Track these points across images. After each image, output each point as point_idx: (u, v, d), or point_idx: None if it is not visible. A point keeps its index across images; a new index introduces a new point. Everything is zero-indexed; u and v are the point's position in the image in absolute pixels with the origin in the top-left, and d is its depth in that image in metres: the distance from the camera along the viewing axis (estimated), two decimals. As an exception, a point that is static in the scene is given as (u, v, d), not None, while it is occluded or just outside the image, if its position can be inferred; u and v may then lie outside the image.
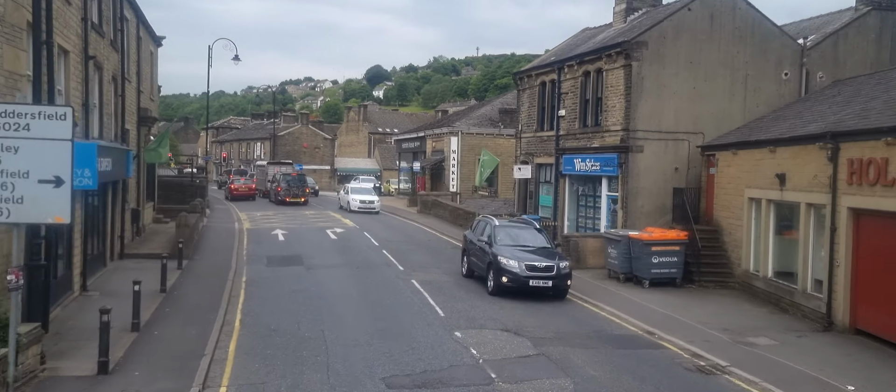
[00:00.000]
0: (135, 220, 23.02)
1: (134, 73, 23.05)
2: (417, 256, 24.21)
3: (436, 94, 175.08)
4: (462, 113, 51.01)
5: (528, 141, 30.06)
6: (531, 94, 29.78)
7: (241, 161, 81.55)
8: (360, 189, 41.73)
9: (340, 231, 30.56)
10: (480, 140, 42.94)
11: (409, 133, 52.19)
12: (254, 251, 24.13)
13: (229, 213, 37.58)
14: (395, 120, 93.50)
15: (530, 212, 29.49)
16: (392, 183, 60.88)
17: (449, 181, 42.55)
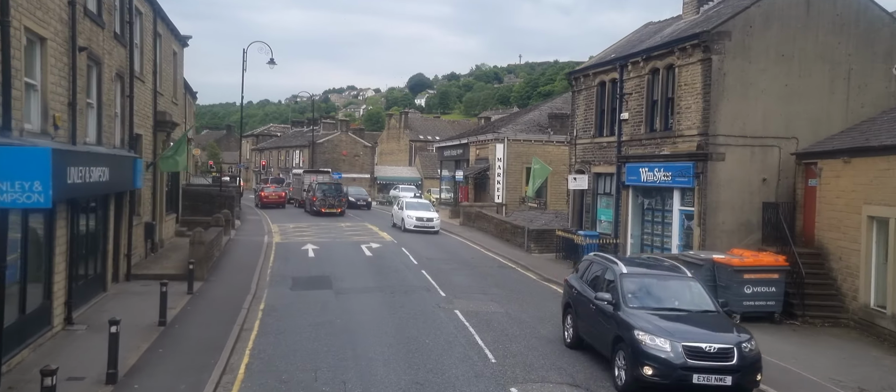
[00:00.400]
0: (149, 236, 20.81)
1: (149, 72, 20.90)
2: (461, 278, 21.38)
3: (478, 101, 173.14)
4: (508, 118, 48.07)
5: (584, 148, 27.00)
6: (588, 95, 26.73)
7: (280, 169, 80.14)
8: (417, 204, 36.44)
9: (376, 247, 27.94)
10: (528, 147, 39.93)
11: (450, 140, 49.51)
12: (279, 270, 21.67)
13: (260, 225, 35.41)
14: (436, 127, 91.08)
15: (586, 227, 26.41)
16: (433, 192, 58.24)
17: (494, 191, 39.65)
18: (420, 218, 33.81)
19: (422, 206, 36.22)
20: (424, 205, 36.61)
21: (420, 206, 35.85)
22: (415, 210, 34.77)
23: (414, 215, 33.97)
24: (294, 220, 38.94)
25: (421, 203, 36.93)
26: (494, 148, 39.73)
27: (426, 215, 34.15)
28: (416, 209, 35.04)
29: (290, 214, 43.51)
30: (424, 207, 35.79)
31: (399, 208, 36.16)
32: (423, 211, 34.90)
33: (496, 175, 39.60)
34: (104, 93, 15.53)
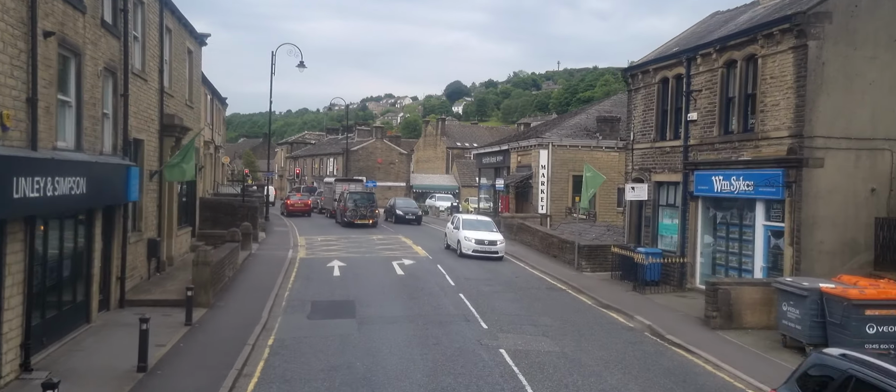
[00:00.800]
0: (153, 254, 18.49)
1: (154, 70, 18.62)
2: (505, 303, 18.50)
3: (516, 108, 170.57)
4: (552, 122, 45.04)
5: (642, 153, 23.89)
6: (647, 94, 23.64)
7: (314, 177, 78.34)
8: (475, 222, 29.46)
9: (409, 264, 25.22)
10: (575, 153, 36.86)
11: (490, 146, 46.67)
12: (298, 293, 19.12)
13: (286, 238, 33.07)
14: (474, 134, 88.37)
15: (646, 243, 23.27)
16: (471, 201, 55.43)
17: (537, 201, 36.65)
18: (480, 241, 27.29)
19: (481, 224, 29.28)
20: (484, 223, 29.52)
21: (480, 225, 29.03)
22: (473, 229, 28.31)
23: (472, 237, 27.48)
24: (323, 232, 36.55)
25: (480, 221, 29.95)
26: (537, 154, 36.76)
27: (488, 237, 27.63)
28: (476, 228, 28.51)
29: (320, 226, 41.17)
30: (485, 227, 28.97)
31: (454, 227, 29.46)
32: (484, 231, 28.25)
33: (539, 184, 36.61)
34: (86, 89, 13.17)
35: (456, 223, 29.66)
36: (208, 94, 40.22)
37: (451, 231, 29.92)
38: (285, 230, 36.81)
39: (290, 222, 42.59)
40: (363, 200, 40.11)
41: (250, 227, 26.60)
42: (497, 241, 27.69)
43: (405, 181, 73.37)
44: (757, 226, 17.97)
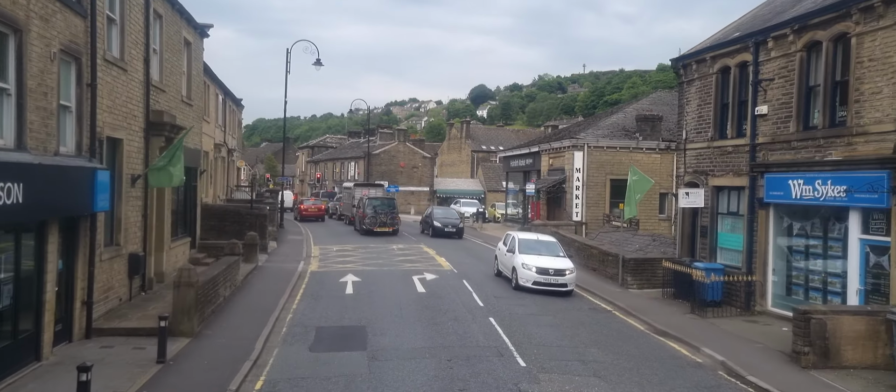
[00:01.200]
0: (135, 271, 16.00)
1: (137, 59, 16.16)
2: (543, 331, 15.67)
3: (541, 112, 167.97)
4: (586, 122, 42.02)
5: (697, 154, 20.90)
6: (703, 86, 20.65)
7: (335, 182, 76.12)
8: (536, 245, 21.95)
9: (432, 279, 22.48)
10: (613, 155, 33.88)
11: (518, 148, 43.79)
12: (303, 315, 16.49)
13: (299, 248, 30.55)
14: (500, 136, 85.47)
15: (702, 257, 20.26)
16: (497, 207, 52.59)
17: (571, 207, 33.71)
18: (544, 270, 20.06)
19: (544, 247, 21.84)
20: (548, 245, 22.06)
21: (541, 248, 21.67)
22: (534, 253, 21.09)
23: (533, 263, 20.34)
24: (340, 241, 34.00)
25: (542, 242, 22.33)
26: (571, 156, 33.83)
27: (554, 264, 20.41)
28: (536, 252, 21.27)
29: (337, 233, 38.65)
30: (548, 249, 21.67)
31: (508, 250, 22.26)
32: (548, 256, 21.02)
33: (574, 188, 33.67)
34: (31, 74, 10.68)
35: (510, 245, 22.32)
36: (220, 94, 38.00)
37: (504, 255, 22.77)
38: (299, 239, 34.31)
39: (306, 229, 40.16)
40: (383, 207, 37.52)
41: (256, 238, 24.10)
42: (566, 271, 20.25)
43: (429, 186, 70.77)
44: (850, 239, 14.91)
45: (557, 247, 22.37)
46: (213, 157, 35.46)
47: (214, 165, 36.50)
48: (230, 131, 43.65)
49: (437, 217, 37.30)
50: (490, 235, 38.32)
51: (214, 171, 36.57)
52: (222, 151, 38.51)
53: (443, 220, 36.90)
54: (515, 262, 21.12)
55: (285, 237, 34.75)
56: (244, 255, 23.85)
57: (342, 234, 37.69)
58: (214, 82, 35.88)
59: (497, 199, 65.63)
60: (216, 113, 36.67)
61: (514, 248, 21.86)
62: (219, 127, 37.53)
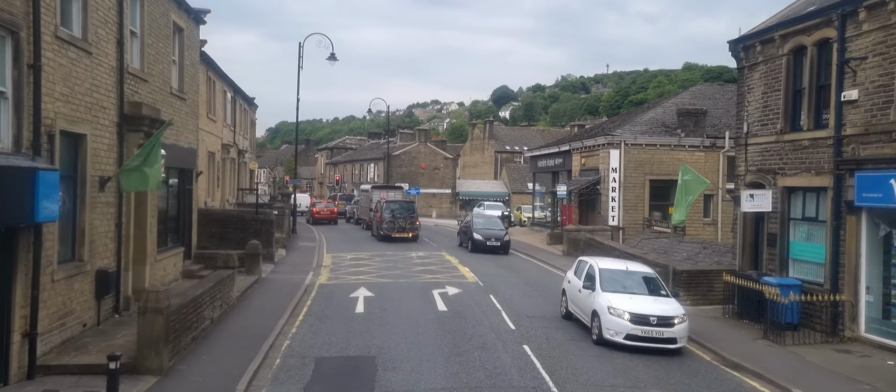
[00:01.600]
0: (105, 291, 13.55)
1: (108, 40, 13.73)
2: (590, 362, 12.92)
3: (564, 112, 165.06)
4: (621, 119, 39.01)
5: (762, 150, 17.97)
6: (770, 71, 17.72)
7: (355, 184, 73.81)
8: (628, 278, 15.60)
9: (455, 294, 19.80)
10: (653, 154, 30.93)
11: (547, 147, 40.91)
12: (303, 341, 13.94)
13: (310, 256, 28.06)
14: (524, 137, 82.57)
15: (770, 269, 17.33)
16: (523, 210, 49.77)
17: (607, 211, 30.82)
18: (641, 317, 13.93)
19: (638, 280, 15.53)
20: (645, 280, 15.63)
21: (632, 282, 15.39)
22: (624, 292, 14.80)
23: (625, 308, 14.12)
24: (355, 248, 31.47)
25: (631, 273, 15.81)
26: (607, 155, 30.93)
27: (657, 310, 14.19)
28: (628, 289, 15.03)
29: (353, 239, 36.14)
30: (645, 286, 15.39)
31: (585, 285, 15.55)
32: (646, 297, 14.85)
33: (610, 190, 30.77)
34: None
35: (587, 277, 15.58)
36: (228, 92, 35.77)
37: (576, 291, 15.95)
38: (311, 246, 31.84)
39: (320, 234, 37.73)
40: (402, 211, 34.93)
41: (259, 247, 21.62)
42: (674, 319, 14.01)
43: (451, 188, 68.20)
44: (978, 253, 11.94)
45: (657, 282, 15.54)
46: (219, 158, 33.20)
47: (222, 167, 34.25)
48: (241, 131, 41.45)
49: (478, 227, 30.53)
50: (517, 241, 35.51)
51: (222, 173, 34.32)
52: (231, 152, 36.26)
53: (485, 230, 30.22)
54: (597, 304, 14.50)
55: (296, 244, 32.32)
56: (245, 267, 21.45)
57: (358, 241, 35.17)
58: (222, 79, 33.65)
59: (522, 201, 62.81)
60: (224, 111, 34.44)
61: (593, 282, 15.10)
62: (227, 126, 35.29)
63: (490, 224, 31.42)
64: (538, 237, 37.16)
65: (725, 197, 30.73)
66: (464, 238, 31.94)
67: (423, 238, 35.90)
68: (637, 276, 15.72)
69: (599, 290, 14.88)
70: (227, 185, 35.55)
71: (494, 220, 32.63)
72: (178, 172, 19.66)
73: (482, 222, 31.56)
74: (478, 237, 29.87)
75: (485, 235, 29.88)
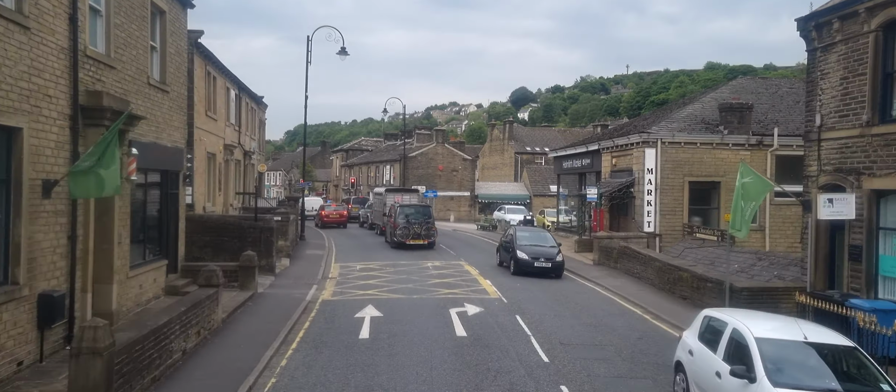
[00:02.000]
0: (51, 319, 11.15)
1: (57, 15, 11.36)
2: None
3: (584, 113, 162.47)
4: (655, 115, 36.11)
5: (841, 146, 15.15)
6: (851, 51, 14.90)
7: (370, 187, 71.46)
8: (809, 356, 8.82)
9: (475, 314, 17.18)
10: (693, 153, 28.09)
11: (573, 147, 38.12)
12: (292, 379, 11.44)
13: (316, 265, 25.59)
14: (545, 137, 79.80)
15: (852, 288, 14.50)
16: (546, 214, 47.00)
17: (641, 216, 28.04)
18: None
19: (828, 363, 8.79)
20: (836, 361, 8.91)
21: (822, 366, 8.71)
22: (800, 371, 8.56)
23: None
24: (366, 256, 28.97)
25: (821, 349, 8.95)
26: (641, 155, 28.13)
27: None
28: (810, 376, 8.47)
29: (365, 246, 33.65)
30: (829, 361, 8.84)
31: (732, 367, 8.70)
32: (839, 384, 8.32)
33: (645, 192, 27.96)
34: None
35: (735, 350, 9.16)
36: (232, 89, 33.51)
37: (709, 375, 9.50)
38: (319, 254, 29.37)
39: (330, 241, 35.29)
40: (417, 216, 32.38)
41: (254, 259, 19.16)
42: None
43: (469, 190, 65.58)
44: None
45: (859, 360, 8.94)
46: (221, 159, 30.92)
47: (224, 169, 31.98)
48: (248, 131, 39.20)
49: (522, 244, 24.31)
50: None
51: (225, 175, 32.03)
52: (235, 153, 33.97)
53: (531, 248, 24.05)
54: None
55: (303, 252, 29.89)
56: (239, 281, 19.02)
57: (370, 248, 32.65)
58: (225, 75, 31.39)
59: (544, 204, 60.03)
60: (226, 109, 32.16)
61: (750, 364, 8.57)
62: (230, 125, 33.02)
63: (538, 239, 25.17)
64: (565, 244, 34.30)
65: (773, 200, 27.81)
66: (505, 256, 25.65)
67: (440, 245, 33.32)
68: (827, 353, 8.95)
69: (766, 384, 8.19)
70: (231, 188, 33.26)
71: (542, 234, 26.25)
72: (161, 174, 17.28)
73: (528, 238, 25.18)
74: (523, 257, 23.69)
75: (532, 254, 23.74)
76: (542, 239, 25.27)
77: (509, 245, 25.00)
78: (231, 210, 32.75)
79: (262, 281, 21.06)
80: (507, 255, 25.10)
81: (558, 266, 23.75)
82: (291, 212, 33.17)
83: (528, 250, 23.97)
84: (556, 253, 24.10)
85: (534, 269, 23.44)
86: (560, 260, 23.95)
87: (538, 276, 23.15)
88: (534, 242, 24.70)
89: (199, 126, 26.34)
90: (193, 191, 25.16)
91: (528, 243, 24.50)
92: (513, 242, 24.68)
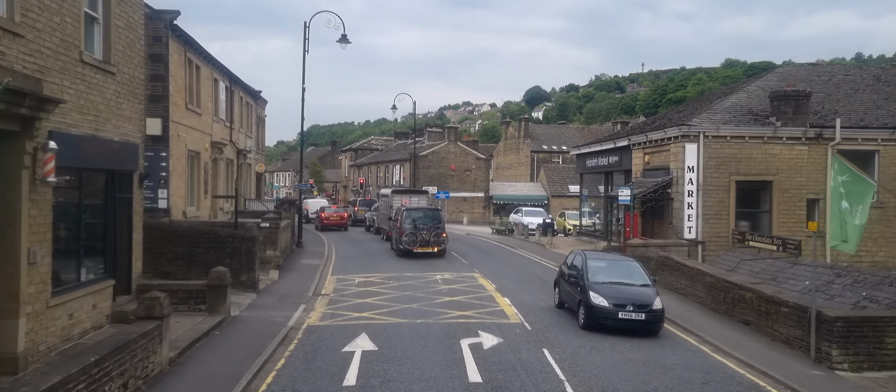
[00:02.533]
0: None
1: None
2: None
3: (599, 112, 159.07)
4: (693, 106, 32.44)
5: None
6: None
7: (379, 187, 68.25)
8: None
9: (492, 347, 13.81)
10: (740, 148, 24.58)
11: (599, 143, 34.60)
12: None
13: (308, 278, 22.34)
14: (562, 135, 76.26)
15: None
16: (568, 217, 43.49)
17: (681, 221, 24.56)
18: None
19: None
20: None
21: None
22: None
23: None
24: (368, 266, 25.69)
25: None
26: (680, 151, 24.61)
27: None
28: None
29: (368, 254, 30.37)
30: None
31: None
32: None
33: (685, 194, 24.45)
34: None
35: None
36: (222, 81, 30.40)
37: None
38: (315, 264, 26.11)
39: (330, 247, 32.08)
40: (425, 220, 29.06)
41: (226, 275, 15.89)
42: None
43: (483, 191, 62.20)
44: None
45: None
46: (207, 158, 27.79)
47: (212, 169, 28.85)
48: (243, 128, 36.11)
49: (596, 279, 15.96)
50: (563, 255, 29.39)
51: (212, 176, 28.90)
52: (225, 151, 30.84)
53: (614, 291, 15.54)
54: None
55: (298, 261, 26.67)
56: (207, 304, 15.79)
57: (373, 257, 29.37)
58: (212, 64, 28.28)
59: (562, 205, 56.53)
60: (214, 103, 29.03)
61: None
62: (219, 121, 29.89)
63: (621, 272, 16.53)
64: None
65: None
66: (568, 296, 17.06)
67: (452, 252, 29.98)
68: None
69: None
70: (221, 190, 30.11)
71: (627, 264, 17.21)
72: (105, 175, 14.08)
73: (606, 270, 16.42)
74: (600, 303, 15.18)
75: (615, 297, 15.22)
76: (627, 272, 16.53)
77: (576, 279, 16.44)
78: (222, 214, 29.64)
79: (239, 300, 17.88)
80: (573, 296, 16.47)
81: (655, 317, 15.01)
82: (287, 215, 30.01)
83: (607, 292, 15.32)
84: (653, 296, 15.36)
85: (617, 322, 14.92)
86: (659, 309, 15.07)
87: (624, 333, 14.92)
88: (616, 278, 16.11)
89: (177, 120, 23.22)
90: (169, 194, 22.04)
91: (606, 279, 15.93)
92: (582, 277, 16.07)
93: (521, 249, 32.73)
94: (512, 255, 30.89)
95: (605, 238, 31.22)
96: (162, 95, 21.99)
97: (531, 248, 33.00)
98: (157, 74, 21.79)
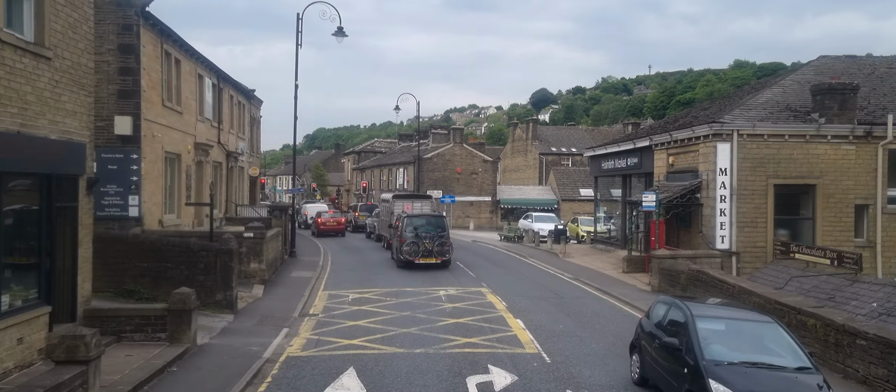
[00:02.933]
0: None
1: None
2: None
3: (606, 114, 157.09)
4: (722, 102, 29.78)
5: None
6: None
7: (383, 191, 65.84)
8: None
9: (505, 388, 11.33)
10: (778, 147, 22.04)
11: (616, 144, 32.03)
12: None
13: (297, 295, 19.88)
14: (572, 137, 73.78)
15: None
16: (581, 222, 40.93)
17: (712, 229, 22.03)
18: None
19: None
20: None
21: None
22: None
23: None
24: (364, 280, 23.25)
25: None
26: (711, 151, 22.07)
27: None
28: None
29: (366, 265, 27.92)
30: None
31: None
32: None
33: (717, 199, 21.90)
34: None
35: None
36: (208, 78, 28.05)
37: None
38: (307, 276, 23.68)
39: (325, 257, 29.66)
40: (428, 228, 26.59)
41: (191, 298, 13.43)
42: None
43: (490, 195, 59.70)
44: None
45: None
46: (190, 161, 25.41)
47: (196, 173, 26.46)
48: (234, 129, 33.76)
49: (713, 353, 9.31)
50: (579, 266, 26.85)
51: (196, 181, 26.51)
52: (212, 154, 28.45)
53: (753, 385, 8.71)
54: None
55: (287, 274, 24.24)
56: (167, 331, 13.36)
57: (371, 268, 26.91)
58: (195, 59, 25.92)
59: (573, 209, 54.02)
60: (198, 101, 26.66)
61: None
62: (204, 120, 27.51)
63: (756, 343, 9.79)
64: (607, 261, 28.40)
65: (885, 209, 21.72)
66: (658, 375, 10.62)
67: (457, 262, 27.51)
68: None
69: None
70: (204, 196, 27.70)
71: (768, 329, 10.09)
72: (39, 180, 11.70)
73: (728, 338, 9.86)
74: None
75: None
76: (764, 340, 9.91)
77: (678, 350, 9.83)
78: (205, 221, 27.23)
79: (212, 324, 15.48)
80: (670, 378, 10.05)
81: None
82: (278, 223, 27.61)
83: (742, 383, 8.78)
84: None
85: None
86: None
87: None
88: (750, 351, 9.60)
89: (151, 118, 20.85)
90: (140, 200, 19.66)
91: (732, 353, 9.46)
92: (690, 347, 9.59)
93: (531, 259, 30.23)
94: (522, 266, 28.39)
95: (624, 246, 28.68)
96: (133, 91, 19.60)
97: (543, 258, 30.49)
98: (127, 67, 19.41)
